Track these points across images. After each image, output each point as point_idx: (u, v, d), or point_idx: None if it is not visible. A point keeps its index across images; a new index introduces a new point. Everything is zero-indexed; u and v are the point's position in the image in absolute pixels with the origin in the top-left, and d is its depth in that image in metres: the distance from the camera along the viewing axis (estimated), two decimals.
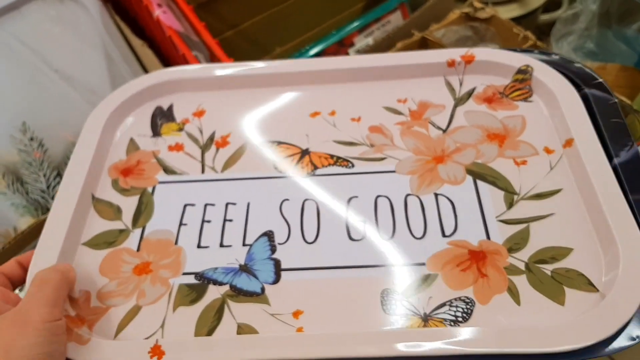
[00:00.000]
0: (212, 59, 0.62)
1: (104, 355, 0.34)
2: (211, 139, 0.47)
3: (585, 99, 0.45)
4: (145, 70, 0.77)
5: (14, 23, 0.73)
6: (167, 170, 0.45)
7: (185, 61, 0.62)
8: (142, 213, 0.43)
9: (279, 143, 0.46)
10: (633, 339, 0.33)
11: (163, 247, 0.40)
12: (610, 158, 0.40)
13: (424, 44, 0.68)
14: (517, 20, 0.82)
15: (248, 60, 0.52)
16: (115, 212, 0.43)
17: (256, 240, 0.40)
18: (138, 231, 0.42)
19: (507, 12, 0.83)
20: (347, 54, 0.78)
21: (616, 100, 0.44)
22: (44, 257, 0.39)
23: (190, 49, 0.60)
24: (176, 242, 0.41)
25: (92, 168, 0.45)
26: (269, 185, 0.44)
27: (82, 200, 0.43)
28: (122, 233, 0.41)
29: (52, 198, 0.67)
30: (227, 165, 0.45)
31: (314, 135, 0.47)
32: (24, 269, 0.38)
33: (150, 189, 0.44)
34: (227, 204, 0.43)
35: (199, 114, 0.50)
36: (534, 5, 0.85)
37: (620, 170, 0.40)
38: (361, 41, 0.79)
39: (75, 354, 0.34)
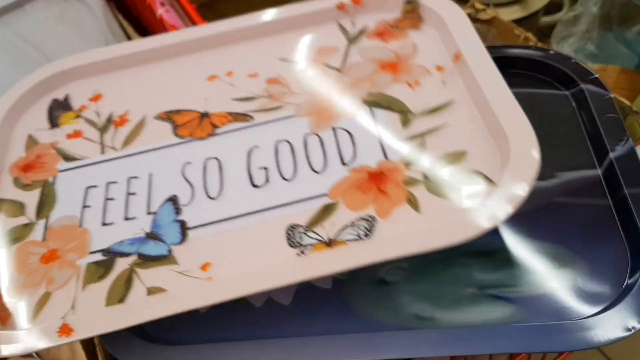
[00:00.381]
0: None
1: (17, 347, 0.34)
2: (109, 120, 0.47)
3: (581, 94, 0.46)
4: None
5: (17, 21, 0.72)
6: (67, 158, 0.44)
7: None
8: (45, 204, 0.42)
9: (178, 111, 0.46)
10: (628, 329, 0.33)
11: (68, 232, 0.40)
12: (605, 153, 0.41)
13: None
14: (518, 22, 0.82)
15: None
16: (18, 208, 0.42)
17: (160, 206, 0.40)
18: (42, 222, 0.41)
19: (508, 14, 0.83)
20: None
21: (612, 95, 0.45)
22: None
23: None
24: (80, 225, 0.40)
25: None
26: (170, 154, 0.43)
27: None
28: (27, 227, 0.41)
29: None
30: (127, 142, 0.45)
31: (213, 98, 0.46)
32: None
33: (51, 179, 0.43)
34: (129, 179, 0.42)
35: (95, 98, 0.49)
36: (536, 7, 0.85)
37: (615, 165, 0.41)
38: None
39: None
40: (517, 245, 0.40)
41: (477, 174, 0.36)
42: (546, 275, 0.39)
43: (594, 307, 0.36)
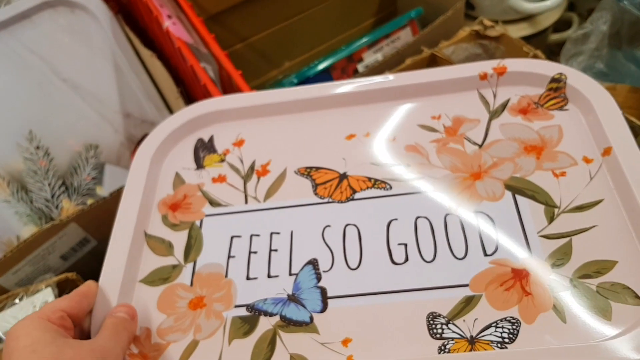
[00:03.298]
0: (221, 71, 0.63)
1: None
2: (252, 168, 0.49)
3: None
4: (153, 81, 0.78)
5: (24, 31, 0.76)
6: (213, 202, 0.47)
7: (193, 73, 0.63)
8: (192, 247, 0.45)
9: (317, 169, 0.48)
10: None
11: (214, 280, 0.42)
12: None
13: (433, 61, 0.68)
14: (527, 39, 0.81)
15: (257, 74, 0.53)
16: (167, 247, 0.45)
17: (302, 269, 0.42)
18: (190, 266, 0.44)
19: (517, 31, 0.82)
20: (355, 69, 0.78)
21: (621, 111, 0.44)
22: (105, 296, 0.41)
23: (199, 61, 0.61)
24: (226, 275, 0.43)
25: (142, 205, 0.47)
26: (311, 212, 0.45)
27: (136, 238, 0.45)
28: (175, 268, 0.44)
29: (57, 207, 0.69)
30: (269, 194, 0.47)
31: (351, 158, 0.48)
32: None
33: (198, 223, 0.46)
34: (271, 234, 0.44)
35: (239, 143, 0.51)
36: (544, 25, 0.84)
37: None
38: (370, 57, 0.79)
39: None
40: None
41: (626, 291, 0.36)
42: None
43: None
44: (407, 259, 0.40)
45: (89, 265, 0.65)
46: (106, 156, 0.75)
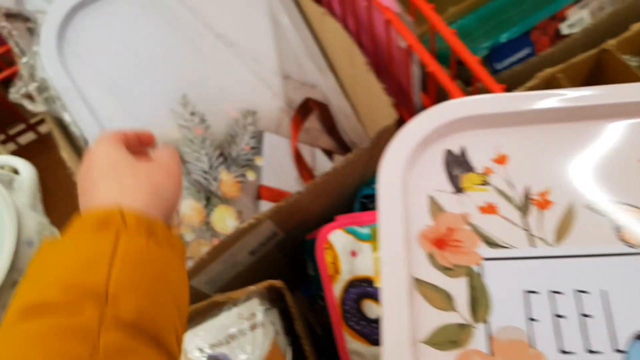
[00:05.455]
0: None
1: None
2: (526, 196, 0.41)
3: None
4: (318, 41, 0.67)
5: None
6: (489, 242, 0.40)
7: (405, 53, 0.53)
8: (478, 302, 0.38)
9: (624, 204, 0.39)
10: None
11: (518, 350, 0.36)
12: None
13: None
14: None
15: None
16: (445, 299, 0.39)
17: (632, 345, 0.35)
18: (482, 327, 0.37)
19: None
20: (557, 30, 0.66)
21: None
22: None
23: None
24: (531, 345, 0.36)
25: (404, 239, 0.40)
26: (623, 266, 0.37)
27: (408, 284, 0.38)
28: (464, 329, 0.37)
29: (215, 179, 0.64)
30: (560, 235, 0.39)
31: None
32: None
33: (476, 268, 0.39)
34: (577, 292, 0.37)
35: (501, 160, 0.43)
36: None
37: None
38: (575, 14, 0.66)
39: None
40: None
41: None
42: None
43: None
44: None
45: (272, 256, 0.60)
46: (265, 123, 0.67)
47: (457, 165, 0.43)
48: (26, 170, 0.54)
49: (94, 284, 0.30)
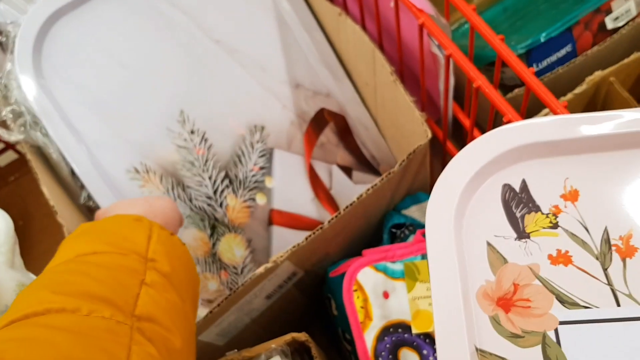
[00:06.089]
0: None
1: None
2: (607, 241, 0.34)
3: None
4: (333, 46, 0.60)
5: None
6: (564, 300, 0.33)
7: (437, 63, 0.45)
8: None
9: None
10: None
11: None
12: None
13: None
14: None
15: None
16: None
17: None
18: None
19: None
20: (602, 23, 0.58)
21: None
22: None
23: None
24: None
25: (461, 299, 0.33)
26: None
27: (469, 357, 0.32)
28: None
29: (220, 205, 0.57)
30: None
31: None
32: None
33: (551, 335, 0.32)
34: None
35: (572, 196, 0.36)
36: None
37: None
38: (621, 5, 0.58)
39: None
40: None
41: None
42: None
43: None
44: None
45: (289, 296, 0.53)
46: (274, 139, 0.60)
47: (519, 203, 0.36)
48: (1, 222, 0.44)
49: (138, 247, 0.35)
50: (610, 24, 0.57)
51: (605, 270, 0.34)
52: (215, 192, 0.58)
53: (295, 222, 0.59)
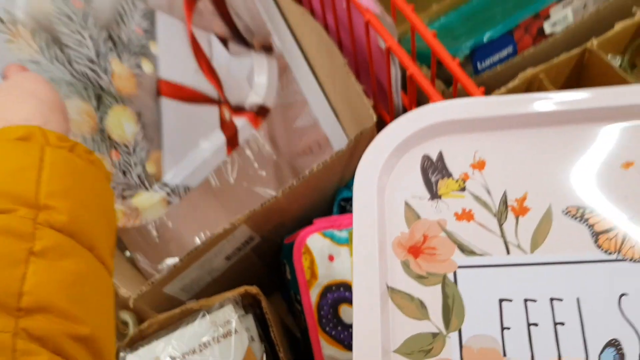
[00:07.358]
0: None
1: None
2: (504, 202, 0.40)
3: None
4: (290, 27, 0.64)
5: None
6: (464, 249, 0.39)
7: (385, 55, 0.52)
8: (452, 310, 0.38)
9: (592, 210, 0.39)
10: None
11: (490, 359, 0.36)
12: None
13: None
14: None
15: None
16: (418, 307, 0.38)
17: (601, 351, 0.35)
18: (454, 336, 0.37)
19: None
20: (540, 29, 0.65)
21: None
22: None
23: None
24: (504, 354, 0.36)
25: (378, 246, 0.39)
26: (597, 273, 0.37)
27: (380, 292, 0.38)
28: (436, 338, 0.37)
29: (105, 72, 0.52)
30: (536, 242, 0.39)
31: (636, 197, 0.39)
32: None
33: (450, 276, 0.39)
34: (551, 300, 0.37)
35: (479, 165, 0.42)
36: None
37: None
38: (558, 13, 0.65)
39: None
40: None
41: None
42: None
43: None
44: None
45: (249, 260, 0.59)
46: (156, 1, 0.56)
47: (435, 170, 0.43)
48: None
49: (24, 192, 0.29)
50: (548, 29, 0.64)
51: (501, 225, 0.40)
52: (98, 56, 0.52)
53: (183, 94, 0.56)
